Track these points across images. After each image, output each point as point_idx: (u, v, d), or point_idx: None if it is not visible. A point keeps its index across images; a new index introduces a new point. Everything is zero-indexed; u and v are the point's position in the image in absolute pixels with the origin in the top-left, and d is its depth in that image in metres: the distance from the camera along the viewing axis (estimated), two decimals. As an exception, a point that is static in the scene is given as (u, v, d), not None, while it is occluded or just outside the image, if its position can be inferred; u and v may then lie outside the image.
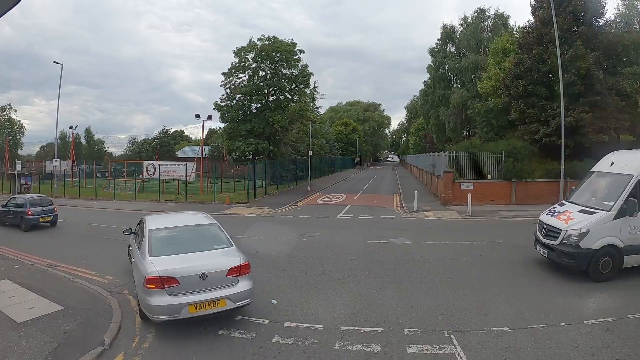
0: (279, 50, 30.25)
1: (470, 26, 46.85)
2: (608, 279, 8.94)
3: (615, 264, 9.01)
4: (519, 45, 29.54)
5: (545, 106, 26.21)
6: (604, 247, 8.99)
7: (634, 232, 9.09)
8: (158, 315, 6.42)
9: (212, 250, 7.38)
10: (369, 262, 10.88)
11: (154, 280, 6.43)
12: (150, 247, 7.15)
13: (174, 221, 8.66)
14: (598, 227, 9.11)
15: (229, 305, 6.70)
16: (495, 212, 18.92)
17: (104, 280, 9.63)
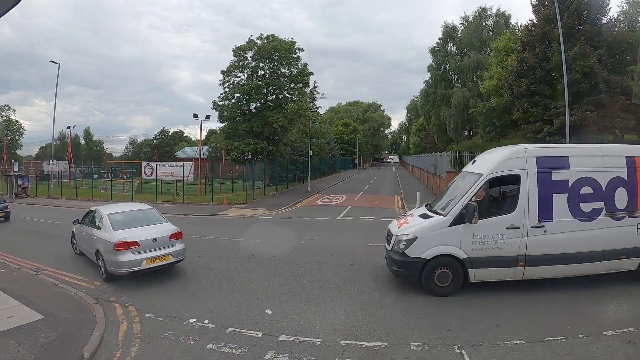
0: (278, 48, 29.77)
1: (471, 25, 46.36)
2: (448, 293, 7.98)
3: (456, 277, 7.98)
4: (522, 43, 29.02)
5: (549, 105, 25.74)
6: (437, 257, 7.97)
7: (481, 242, 7.92)
8: (125, 268, 8.95)
9: (155, 224, 10.18)
10: (371, 268, 10.29)
11: (122, 244, 9.01)
12: (112, 225, 9.67)
13: (122, 208, 11.22)
14: (428, 234, 8.13)
15: (171, 259, 9.55)
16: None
17: (90, 286, 9.14)
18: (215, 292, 8.63)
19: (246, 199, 25.69)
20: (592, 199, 8.10)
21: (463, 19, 47.66)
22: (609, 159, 8.32)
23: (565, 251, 7.94)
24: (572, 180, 8.08)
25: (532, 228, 7.92)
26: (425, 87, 51.11)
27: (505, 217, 7.99)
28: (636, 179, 8.29)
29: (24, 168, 49.09)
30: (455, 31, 48.09)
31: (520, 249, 7.91)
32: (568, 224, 8.00)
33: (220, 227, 17.29)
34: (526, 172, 8.04)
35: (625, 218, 8.17)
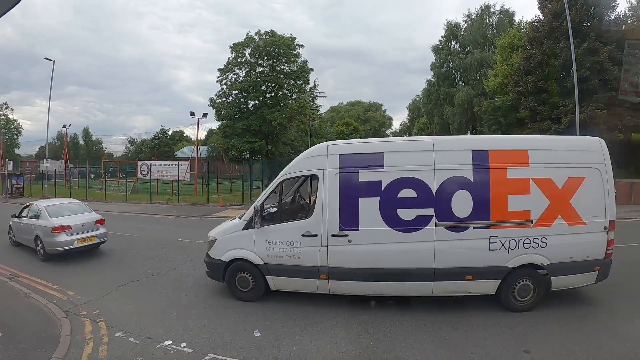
0: (277, 44, 28.88)
1: (474, 23, 45.67)
2: (250, 299, 7.55)
3: (256, 283, 7.47)
4: (529, 39, 28.24)
5: (557, 103, 24.97)
6: (234, 260, 7.51)
7: (275, 249, 7.22)
8: (60, 247, 10.83)
9: (83, 213, 12.01)
10: None
11: (58, 228, 10.87)
12: (49, 214, 11.41)
13: (56, 202, 13.44)
14: (225, 237, 7.76)
15: (97, 240, 11.53)
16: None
17: (63, 297, 8.25)
18: (199, 307, 7.57)
19: (243, 199, 24.75)
20: (416, 204, 6.73)
21: (466, 17, 47.12)
22: (446, 154, 6.80)
23: (378, 266, 6.79)
24: (386, 181, 6.77)
25: (333, 237, 6.90)
26: (428, 86, 50.33)
27: (299, 222, 7.22)
28: (488, 179, 6.69)
29: (20, 167, 48.32)
30: (458, 29, 47.34)
31: (320, 260, 6.97)
32: (380, 234, 6.77)
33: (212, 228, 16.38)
34: (325, 172, 6.99)
35: (468, 229, 6.68)
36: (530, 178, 6.69)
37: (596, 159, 6.84)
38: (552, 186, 6.70)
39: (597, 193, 6.76)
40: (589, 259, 6.79)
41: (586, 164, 6.79)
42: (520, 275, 6.81)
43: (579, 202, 6.71)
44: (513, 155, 6.81)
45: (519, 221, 6.69)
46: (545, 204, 6.69)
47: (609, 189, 6.78)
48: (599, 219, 6.77)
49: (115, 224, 17.91)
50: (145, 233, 15.48)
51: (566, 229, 6.72)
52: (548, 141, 7.79)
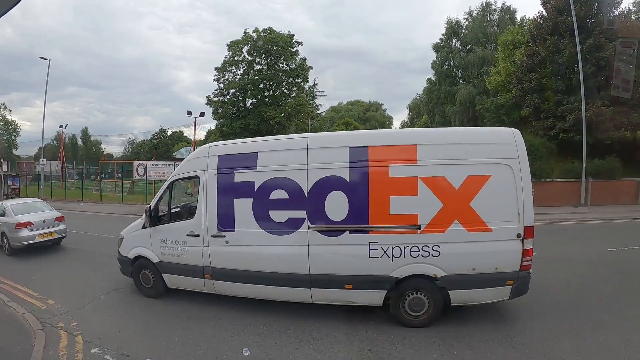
0: (275, 41, 28.29)
1: (476, 20, 45.09)
2: (152, 295, 7.70)
3: (156, 279, 7.59)
4: (532, 36, 27.65)
5: (562, 100, 24.34)
6: (137, 257, 7.76)
7: (167, 247, 7.33)
8: (23, 241, 11.84)
9: (44, 211, 13.04)
10: None
11: (21, 224, 11.87)
12: (13, 212, 12.37)
13: (20, 201, 14.58)
14: (131, 235, 8.05)
15: (57, 236, 12.62)
16: (514, 216, 16.88)
17: (42, 306, 7.69)
18: (184, 320, 6.82)
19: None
20: (288, 206, 6.35)
21: (467, 14, 46.44)
22: (320, 152, 6.31)
23: (254, 269, 6.54)
24: (259, 181, 6.52)
25: (212, 237, 6.84)
26: (429, 85, 49.73)
27: (185, 222, 7.26)
28: (367, 178, 6.03)
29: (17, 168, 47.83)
30: (459, 27, 46.73)
31: (204, 260, 6.96)
32: (254, 236, 6.54)
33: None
34: (206, 174, 6.95)
35: (344, 234, 6.12)
36: (419, 177, 5.89)
37: (507, 153, 5.87)
38: (446, 186, 5.85)
39: (508, 194, 5.80)
40: (498, 271, 5.84)
41: (493, 160, 5.85)
42: (411, 287, 6.08)
43: (483, 205, 5.79)
44: (398, 151, 6.05)
45: (403, 226, 5.92)
46: (437, 207, 5.87)
47: (523, 188, 5.81)
48: (510, 225, 5.80)
49: (107, 226, 17.40)
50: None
51: (465, 236, 5.82)
52: (443, 134, 6.79)
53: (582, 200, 20.33)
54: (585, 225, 15.36)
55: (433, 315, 6.14)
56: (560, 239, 13.12)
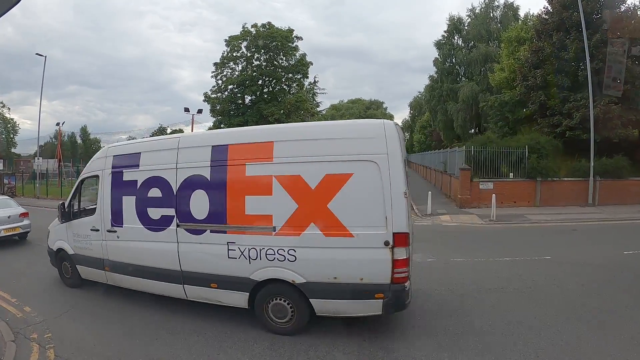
0: (275, 36, 27.63)
1: (478, 17, 44.61)
2: (72, 285, 8.34)
3: (74, 270, 8.22)
4: (537, 32, 27.04)
5: (568, 97, 23.73)
6: (59, 250, 8.41)
7: (78, 240, 7.92)
8: None
9: (10, 207, 13.47)
10: None
11: None
12: None
13: None
14: (54, 228, 8.72)
15: (21, 230, 13.23)
16: (522, 216, 16.28)
17: (18, 314, 7.06)
18: (166, 334, 6.11)
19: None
20: (161, 203, 6.50)
21: (470, 11, 46.09)
22: (188, 151, 6.31)
23: (138, 263, 6.83)
24: (140, 180, 6.77)
25: (108, 232, 7.25)
26: (431, 82, 49.33)
27: (89, 218, 7.70)
28: (225, 177, 5.91)
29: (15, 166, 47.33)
30: (461, 23, 46.27)
31: (103, 253, 7.39)
32: (137, 232, 6.80)
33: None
34: (103, 173, 7.41)
35: (206, 233, 6.06)
36: (274, 176, 5.57)
37: (373, 148, 5.21)
38: (302, 186, 5.42)
39: (373, 195, 5.16)
40: (363, 282, 5.25)
41: (356, 156, 5.24)
42: (272, 292, 5.77)
43: (342, 207, 5.26)
44: (255, 149, 5.77)
45: (258, 227, 5.66)
46: (292, 208, 5.48)
47: (392, 189, 5.11)
48: (375, 231, 5.16)
49: None
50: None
51: (323, 240, 5.35)
52: (301, 129, 6.26)
53: (590, 199, 19.74)
54: (596, 226, 14.77)
55: (298, 324, 5.74)
56: (572, 240, 12.58)
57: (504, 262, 9.73)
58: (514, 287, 7.81)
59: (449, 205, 20.29)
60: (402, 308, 5.47)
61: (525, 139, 21.09)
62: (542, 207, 18.74)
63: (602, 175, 19.91)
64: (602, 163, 19.95)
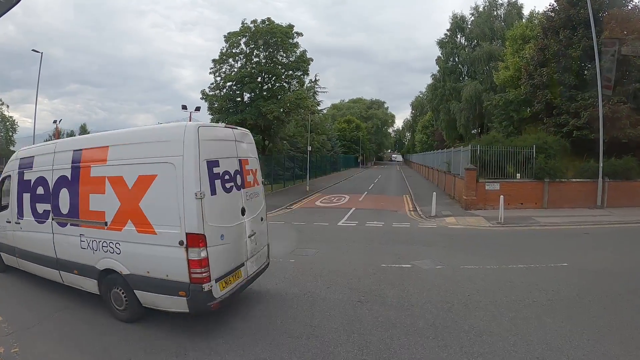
0: (274, 32, 26.96)
1: (482, 15, 43.97)
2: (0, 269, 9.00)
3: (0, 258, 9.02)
4: (543, 29, 26.38)
5: (575, 96, 23.11)
6: None
7: (0, 231, 8.64)
8: None
9: None
10: (389, 310, 6.77)
11: None
12: None
13: None
14: None
15: None
16: (530, 219, 15.62)
17: (-11, 325, 6.46)
18: (145, 351, 5.47)
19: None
20: (43, 200, 7.43)
21: (473, 9, 45.44)
22: (60, 155, 7.22)
23: (32, 250, 7.73)
24: (33, 179, 7.72)
25: (15, 224, 8.12)
26: (433, 81, 48.74)
27: (5, 212, 8.50)
28: (79, 177, 6.73)
29: (11, 164, 46.69)
30: (464, 22, 45.66)
31: (14, 242, 8.24)
32: (31, 224, 7.69)
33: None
34: (13, 173, 8.29)
35: (67, 225, 6.92)
36: (106, 176, 6.27)
37: (172, 151, 5.61)
38: (123, 186, 6.04)
39: (171, 195, 5.54)
40: (168, 278, 5.60)
41: (159, 159, 5.71)
42: (111, 280, 6.33)
43: (150, 206, 5.76)
44: (98, 152, 6.53)
45: (97, 222, 6.39)
46: (117, 206, 6.12)
47: (185, 190, 5.43)
48: (172, 230, 5.52)
49: None
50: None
51: (136, 236, 5.88)
52: (125, 134, 6.87)
53: (599, 201, 19.10)
54: (608, 229, 14.11)
55: (132, 313, 6.22)
56: (586, 245, 11.96)
57: (518, 269, 9.05)
58: (532, 298, 7.12)
59: (453, 206, 19.65)
60: (205, 309, 5.65)
61: (532, 138, 20.45)
62: (550, 208, 18.10)
63: (611, 177, 19.28)
64: (611, 164, 19.32)
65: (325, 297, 7.53)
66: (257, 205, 6.99)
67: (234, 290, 6.05)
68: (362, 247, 11.99)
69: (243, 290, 6.54)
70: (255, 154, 7.26)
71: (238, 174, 6.40)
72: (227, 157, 6.20)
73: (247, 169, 6.75)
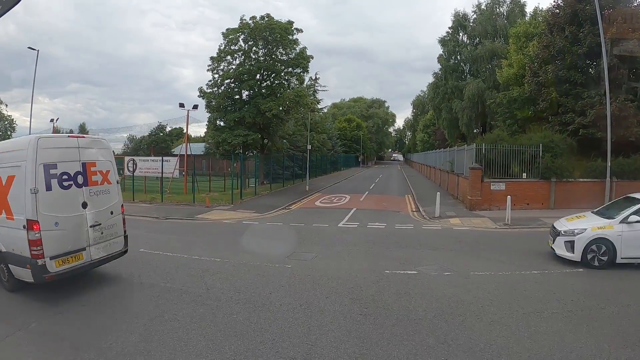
0: (273, 27, 26.37)
1: (484, 13, 43.46)
2: None
3: None
4: (548, 25, 25.78)
5: (581, 94, 22.56)
6: None
7: None
8: None
9: None
10: (395, 324, 6.20)
11: None
12: None
13: None
14: None
15: None
16: (537, 220, 15.06)
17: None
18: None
19: (232, 199, 22.33)
20: None
21: (475, 7, 44.89)
22: None
23: None
24: None
25: None
26: (435, 80, 48.19)
27: None
28: None
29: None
30: (466, 20, 45.15)
31: None
32: None
33: (187, 235, 14.00)
34: None
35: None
36: None
37: (21, 157, 7.27)
38: (1, 184, 7.58)
39: (21, 190, 7.17)
40: (22, 254, 7.15)
41: (16, 163, 7.35)
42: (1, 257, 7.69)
43: (12, 198, 7.36)
44: None
45: None
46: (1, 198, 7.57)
47: (26, 186, 7.04)
48: (20, 217, 7.15)
49: None
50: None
51: (6, 222, 7.45)
52: (2, 145, 8.52)
53: (607, 201, 18.53)
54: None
55: (13, 283, 7.57)
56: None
57: (531, 276, 8.49)
58: (551, 310, 6.57)
59: (457, 207, 19.10)
60: (41, 280, 7.08)
61: (537, 137, 19.90)
62: (557, 209, 17.54)
63: (618, 176, 18.74)
64: (619, 163, 18.81)
65: (324, 308, 6.94)
66: (106, 201, 8.07)
67: (75, 269, 7.47)
68: (363, 250, 11.43)
69: (92, 269, 8.03)
70: (108, 158, 8.41)
71: (80, 175, 7.66)
72: (67, 161, 7.51)
73: (94, 170, 7.94)
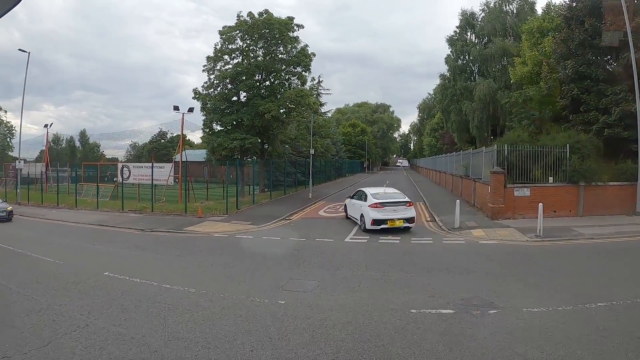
0: (272, 23, 24.79)
1: (493, 11, 41.84)
2: None
3: None
4: (565, 19, 24.01)
5: (605, 90, 20.76)
6: None
7: None
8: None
9: None
10: None
11: None
12: None
13: None
14: None
15: None
16: (569, 230, 13.19)
17: None
18: None
19: (227, 208, 20.66)
20: None
21: (484, 5, 43.29)
22: None
23: None
24: None
25: None
26: (442, 81, 46.50)
27: None
28: None
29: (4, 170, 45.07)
30: (474, 18, 43.60)
31: None
32: None
33: (167, 253, 12.32)
34: None
35: None
36: None
37: None
38: None
39: None
40: None
41: None
42: None
43: None
44: None
45: None
46: None
47: None
48: None
49: (52, 241, 14.25)
50: (75, 258, 11.67)
51: None
52: None
53: (638, 207, 16.73)
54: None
55: None
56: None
57: (600, 310, 6.39)
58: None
59: (476, 215, 17.15)
60: None
61: (561, 137, 18.09)
62: (586, 216, 15.73)
63: (647, 179, 16.90)
64: (651, 164, 16.94)
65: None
66: None
67: None
68: (378, 276, 9.14)
69: None
70: None
71: None
72: None
73: None
